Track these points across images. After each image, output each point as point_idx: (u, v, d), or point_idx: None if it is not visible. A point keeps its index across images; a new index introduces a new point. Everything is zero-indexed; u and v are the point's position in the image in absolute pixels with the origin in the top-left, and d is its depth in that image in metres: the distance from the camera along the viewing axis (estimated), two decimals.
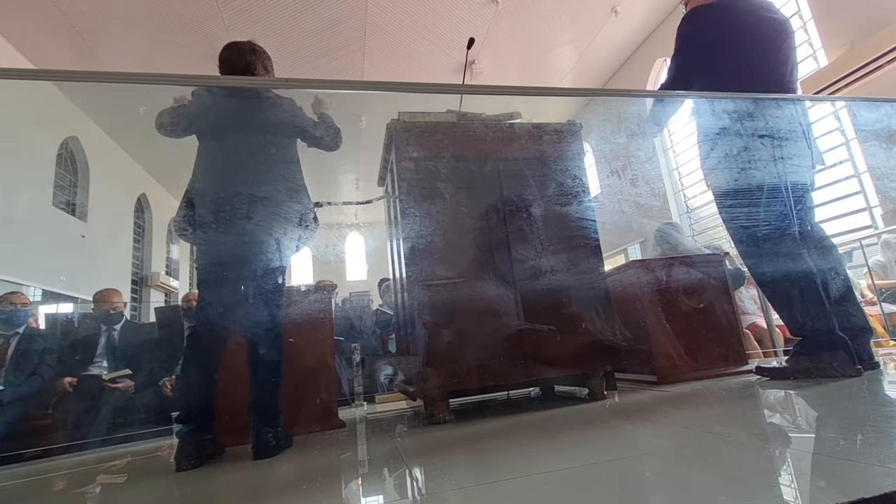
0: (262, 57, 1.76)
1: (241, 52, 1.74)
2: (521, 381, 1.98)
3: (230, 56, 1.74)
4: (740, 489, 0.74)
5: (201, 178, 1.61)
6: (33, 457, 2.14)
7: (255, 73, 1.73)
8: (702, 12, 1.94)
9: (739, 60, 1.87)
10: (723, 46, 1.88)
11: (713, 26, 1.91)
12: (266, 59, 1.78)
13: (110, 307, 2.95)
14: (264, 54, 1.78)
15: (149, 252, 8.77)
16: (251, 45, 1.76)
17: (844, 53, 4.50)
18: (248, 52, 1.74)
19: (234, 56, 1.74)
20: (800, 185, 1.83)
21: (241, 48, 1.75)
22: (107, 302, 2.95)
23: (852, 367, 1.63)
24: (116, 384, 2.71)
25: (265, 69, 1.77)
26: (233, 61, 1.73)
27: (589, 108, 7.04)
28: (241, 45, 1.76)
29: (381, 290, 4.13)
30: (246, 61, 1.72)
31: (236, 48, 1.75)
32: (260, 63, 1.75)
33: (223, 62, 1.74)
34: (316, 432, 1.83)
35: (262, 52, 1.78)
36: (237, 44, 1.76)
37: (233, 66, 1.72)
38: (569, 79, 7.94)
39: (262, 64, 1.76)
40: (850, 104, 3.99)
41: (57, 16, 5.33)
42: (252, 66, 1.72)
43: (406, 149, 1.85)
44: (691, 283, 2.27)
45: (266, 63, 1.78)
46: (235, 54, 1.74)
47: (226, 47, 1.76)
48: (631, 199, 2.29)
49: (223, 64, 1.74)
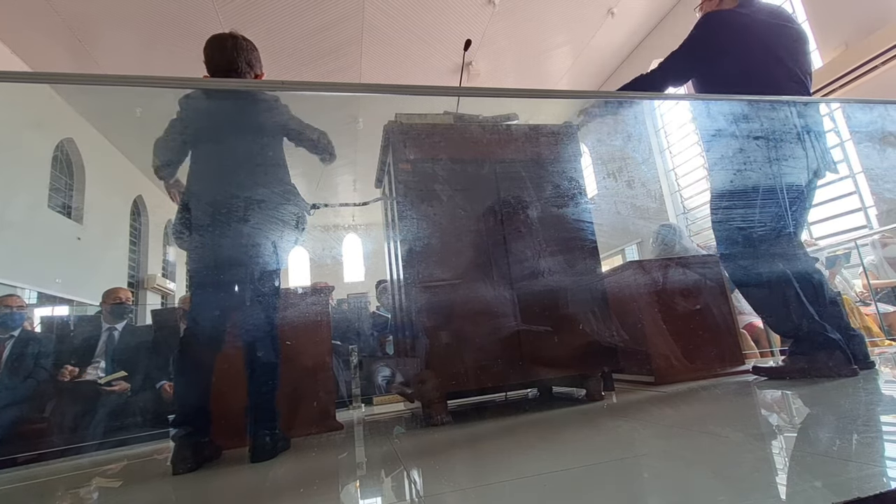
0: (244, 51, 1.68)
1: (224, 50, 1.66)
2: (519, 382, 1.99)
3: (213, 55, 1.67)
4: (737, 489, 0.74)
5: (194, 183, 1.60)
6: (28, 461, 2.12)
7: (239, 70, 1.66)
8: (717, 18, 1.92)
9: (755, 69, 1.85)
10: (736, 54, 1.86)
11: (727, 33, 1.88)
12: (250, 53, 1.70)
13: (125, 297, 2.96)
14: (248, 47, 1.70)
15: (145, 254, 8.73)
16: (234, 41, 1.68)
17: (839, 55, 4.53)
18: (230, 49, 1.67)
19: (216, 55, 1.67)
20: (798, 188, 1.82)
21: (223, 45, 1.67)
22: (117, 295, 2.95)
23: (848, 367, 1.64)
24: (112, 387, 2.69)
25: (248, 65, 1.69)
26: (216, 62, 1.67)
27: (586, 110, 7.05)
28: (223, 42, 1.68)
29: (377, 292, 4.13)
30: (228, 60, 1.65)
31: (219, 46, 1.67)
32: (243, 59, 1.67)
33: (207, 62, 1.68)
34: (313, 434, 1.82)
35: (246, 44, 1.70)
36: (220, 41, 1.68)
37: (216, 67, 1.67)
38: (565, 80, 7.97)
39: (246, 60, 1.68)
40: (844, 106, 4.01)
41: (53, 17, 5.31)
42: (234, 63, 1.65)
43: (403, 150, 1.85)
44: (688, 284, 2.28)
45: (250, 57, 1.70)
46: (217, 53, 1.67)
47: (208, 44, 1.68)
48: (627, 201, 2.30)
49: (207, 63, 1.68)
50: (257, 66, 1.74)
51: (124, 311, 2.95)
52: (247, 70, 1.69)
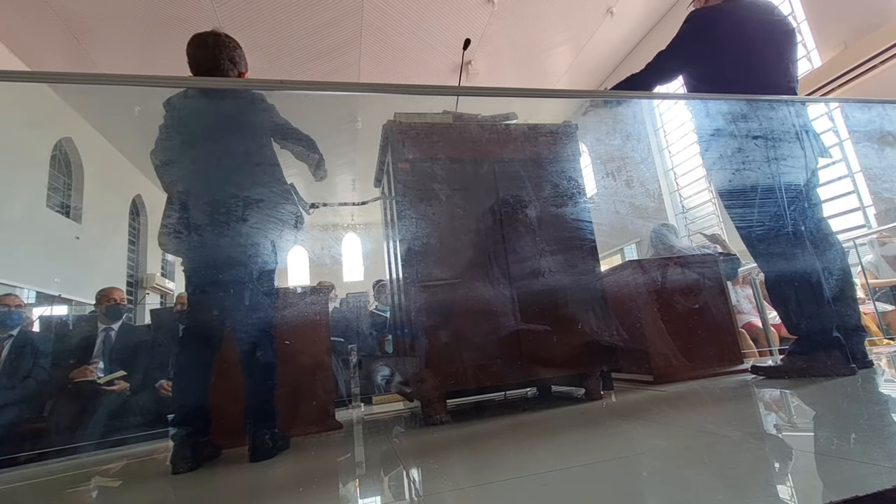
0: (227, 48, 1.66)
1: (206, 48, 1.64)
2: (518, 381, 1.99)
3: (195, 53, 1.66)
4: (735, 488, 0.74)
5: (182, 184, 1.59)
6: (28, 460, 2.12)
7: (222, 68, 1.65)
8: (702, 15, 1.92)
9: (742, 65, 1.84)
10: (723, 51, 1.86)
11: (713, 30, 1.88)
12: (233, 51, 1.68)
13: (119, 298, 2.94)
14: (230, 44, 1.68)
15: (144, 254, 8.73)
16: (215, 38, 1.66)
17: (838, 54, 4.53)
18: (211, 46, 1.65)
19: (198, 54, 1.65)
20: (804, 182, 1.82)
21: (205, 43, 1.65)
22: (111, 297, 2.93)
23: (846, 366, 1.64)
24: (112, 386, 2.69)
25: (232, 62, 1.67)
26: (198, 60, 1.65)
27: (584, 110, 7.06)
28: (205, 40, 1.66)
29: (375, 291, 4.13)
30: (210, 57, 1.64)
31: (202, 44, 1.65)
32: (226, 56, 1.65)
33: (190, 61, 1.67)
34: (313, 434, 1.82)
35: (229, 42, 1.68)
36: (202, 39, 1.66)
37: (198, 66, 1.65)
38: (564, 79, 7.97)
39: (229, 57, 1.66)
40: (843, 105, 4.02)
41: (50, 16, 5.29)
42: (217, 61, 1.64)
43: (402, 150, 1.85)
44: (687, 283, 2.28)
45: (233, 55, 1.68)
46: (200, 51, 1.65)
47: (190, 43, 1.66)
48: (626, 200, 2.30)
49: (190, 62, 1.67)
50: (241, 64, 1.71)
51: (119, 311, 2.93)
52: (230, 68, 1.67)
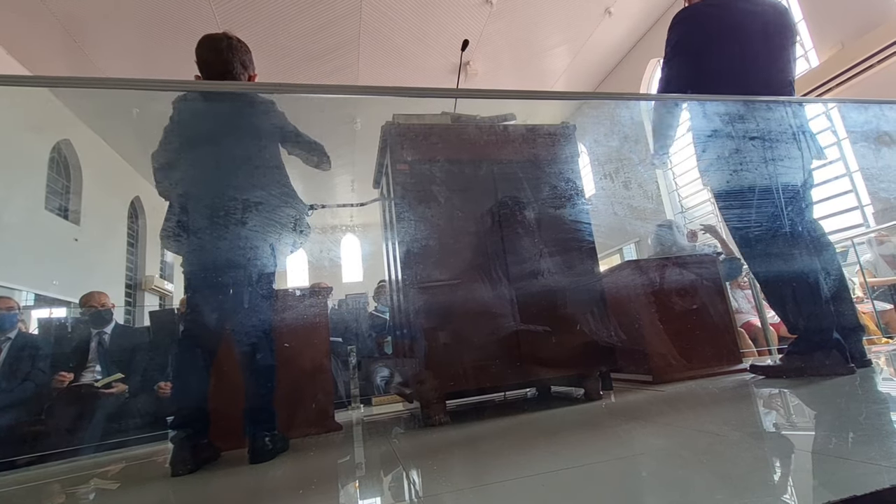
0: (238, 52, 1.68)
1: (219, 52, 1.66)
2: (518, 382, 1.99)
3: (207, 56, 1.67)
4: (734, 488, 0.74)
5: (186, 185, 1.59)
6: (26, 463, 2.12)
7: (234, 72, 1.67)
8: (687, 15, 1.88)
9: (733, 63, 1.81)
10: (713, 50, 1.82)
11: (701, 30, 1.85)
12: (244, 54, 1.70)
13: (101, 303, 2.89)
14: (242, 48, 1.70)
15: (143, 255, 8.72)
16: (228, 42, 1.67)
17: (835, 54, 4.55)
18: (224, 50, 1.66)
19: (210, 57, 1.66)
20: (799, 182, 1.82)
21: (217, 47, 1.66)
22: (91, 303, 2.89)
23: (845, 365, 1.64)
24: (110, 389, 2.68)
25: (243, 66, 1.69)
26: (210, 63, 1.66)
27: (581, 111, 7.08)
28: (217, 44, 1.67)
29: (374, 293, 4.13)
30: (223, 61, 1.65)
31: (214, 47, 1.66)
32: (238, 60, 1.67)
33: (200, 63, 1.68)
34: (312, 435, 1.82)
35: (239, 45, 1.70)
36: (214, 42, 1.67)
37: (210, 69, 1.66)
38: (563, 80, 7.98)
39: (241, 61, 1.68)
40: (840, 105, 4.03)
41: (48, 18, 5.29)
42: (230, 65, 1.65)
43: (401, 151, 1.85)
44: (686, 283, 2.28)
45: (245, 59, 1.70)
46: (212, 55, 1.66)
47: (201, 44, 1.67)
48: (625, 201, 2.30)
49: (200, 65, 1.68)
50: (251, 68, 1.74)
51: (102, 316, 2.84)
52: (241, 72, 1.69)
